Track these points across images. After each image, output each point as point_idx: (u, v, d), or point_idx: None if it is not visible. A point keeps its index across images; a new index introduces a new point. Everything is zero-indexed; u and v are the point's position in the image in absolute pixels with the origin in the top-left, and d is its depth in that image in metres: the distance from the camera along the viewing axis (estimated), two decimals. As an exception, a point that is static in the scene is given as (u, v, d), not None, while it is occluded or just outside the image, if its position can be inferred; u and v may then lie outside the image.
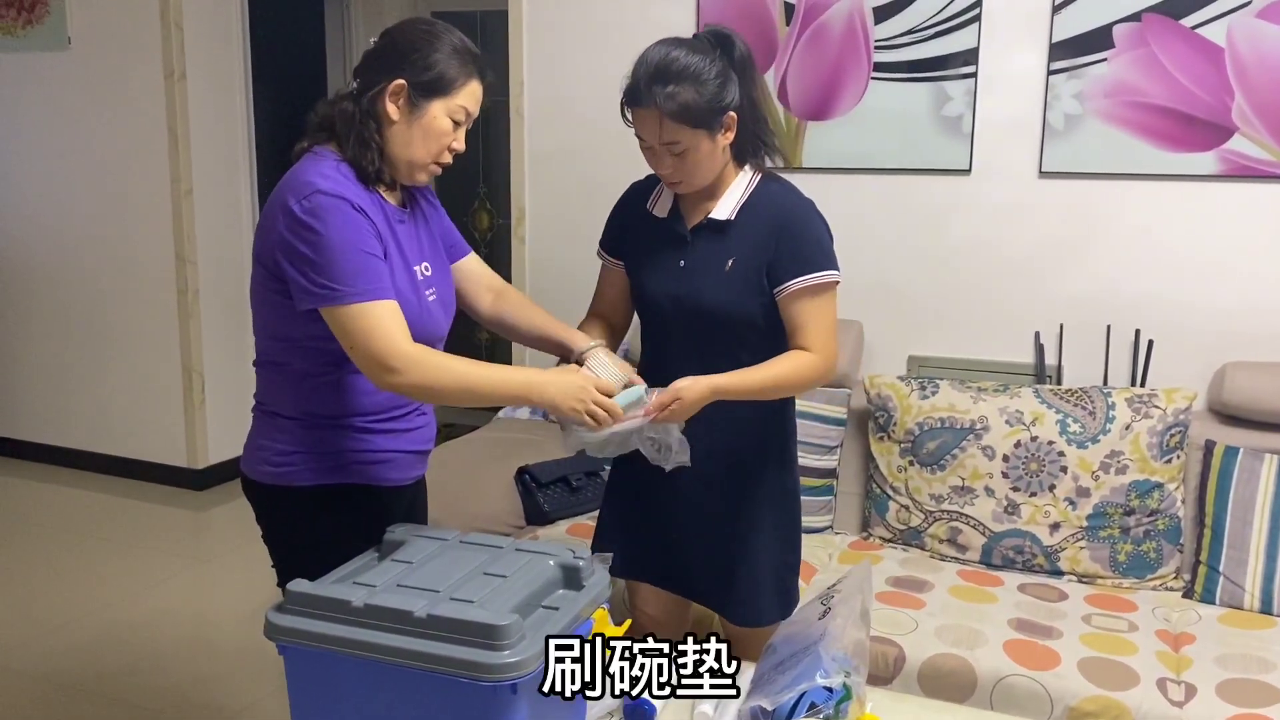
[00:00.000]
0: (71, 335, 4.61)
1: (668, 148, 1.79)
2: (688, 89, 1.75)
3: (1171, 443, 2.62)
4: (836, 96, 3.19)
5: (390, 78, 1.67)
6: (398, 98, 1.67)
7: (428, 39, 1.69)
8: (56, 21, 4.34)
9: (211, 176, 4.35)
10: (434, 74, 1.67)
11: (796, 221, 1.86)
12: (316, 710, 1.44)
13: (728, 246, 1.87)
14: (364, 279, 1.59)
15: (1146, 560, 2.59)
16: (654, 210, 1.95)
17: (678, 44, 1.80)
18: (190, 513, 4.26)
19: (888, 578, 2.57)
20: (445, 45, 1.69)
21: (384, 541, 1.65)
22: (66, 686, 2.88)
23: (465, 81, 1.70)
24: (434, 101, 1.68)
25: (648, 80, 1.77)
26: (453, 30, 1.73)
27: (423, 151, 1.72)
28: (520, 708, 1.34)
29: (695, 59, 1.77)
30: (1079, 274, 3.02)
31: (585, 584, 1.54)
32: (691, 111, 1.76)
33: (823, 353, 1.85)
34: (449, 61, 1.68)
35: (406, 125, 1.69)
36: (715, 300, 1.86)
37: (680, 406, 1.77)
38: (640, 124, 1.81)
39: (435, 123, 1.70)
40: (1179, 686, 2.11)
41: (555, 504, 2.90)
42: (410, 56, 1.67)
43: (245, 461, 1.81)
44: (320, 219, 1.59)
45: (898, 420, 2.80)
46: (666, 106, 1.75)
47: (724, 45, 1.82)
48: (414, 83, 1.67)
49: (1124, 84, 2.89)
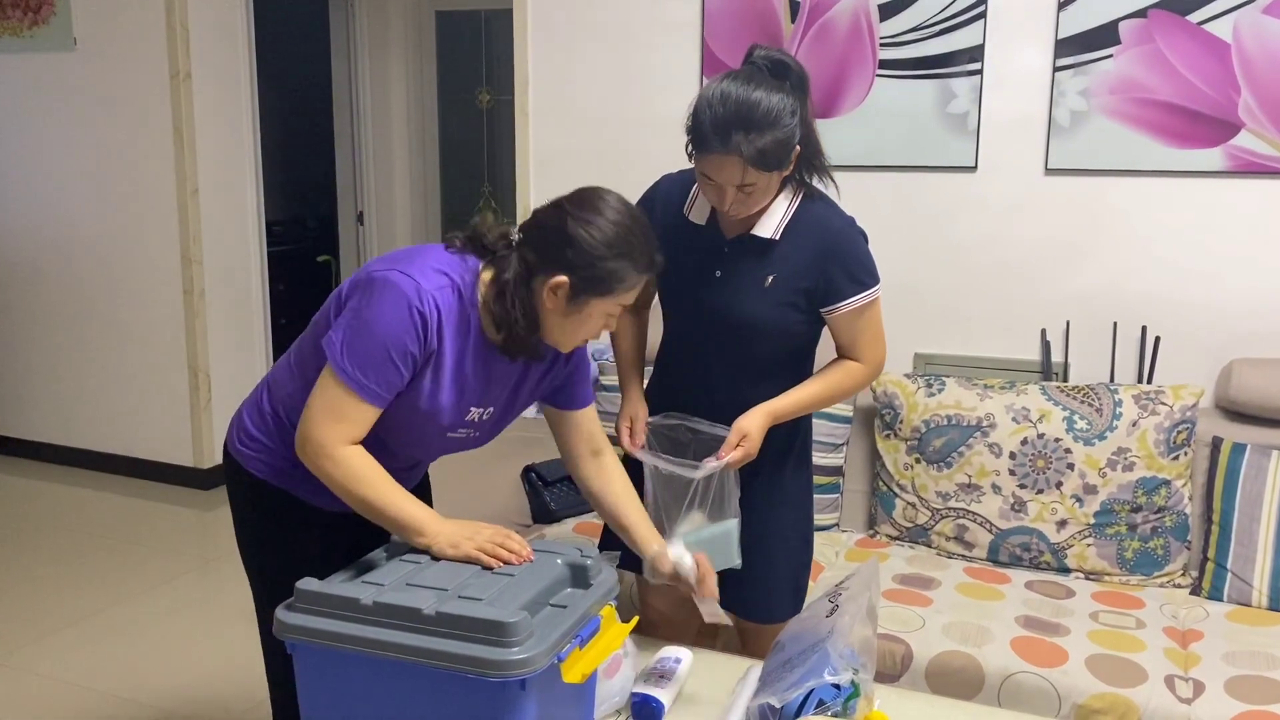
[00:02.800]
0: (77, 335, 4.62)
1: (740, 189, 1.76)
2: (771, 134, 1.70)
3: (1179, 440, 2.61)
4: (842, 94, 3.19)
5: (554, 270, 1.57)
6: (556, 291, 1.57)
7: (601, 237, 1.56)
8: (62, 22, 4.35)
9: (217, 177, 4.35)
10: (602, 279, 1.57)
11: (843, 243, 1.86)
12: (326, 708, 1.44)
13: (768, 263, 1.86)
14: (370, 375, 1.55)
15: (1154, 557, 2.59)
16: (691, 216, 1.92)
17: (749, 82, 1.73)
18: (196, 512, 4.26)
19: (895, 575, 2.57)
20: (619, 245, 1.56)
21: (392, 540, 1.66)
22: (73, 685, 2.89)
23: (633, 285, 1.61)
24: (594, 300, 1.59)
25: (728, 126, 1.70)
26: (631, 217, 1.60)
27: (570, 338, 1.65)
28: (529, 704, 1.35)
29: (775, 100, 1.71)
30: (1085, 271, 3.01)
31: (593, 582, 1.55)
32: (775, 157, 1.72)
33: (872, 362, 1.93)
34: (619, 265, 1.57)
35: (561, 317, 1.60)
36: (752, 314, 1.87)
37: (750, 444, 1.82)
38: (715, 169, 1.75)
39: (591, 320, 1.62)
40: (1187, 683, 2.11)
41: (562, 502, 2.90)
42: (581, 254, 1.55)
43: (230, 424, 1.83)
44: (384, 296, 1.55)
45: (904, 418, 2.80)
46: (750, 154, 1.70)
47: (781, 71, 1.76)
48: (577, 281, 1.57)
49: (1130, 80, 2.88)
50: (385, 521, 1.60)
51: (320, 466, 1.58)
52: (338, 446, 1.57)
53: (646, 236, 1.61)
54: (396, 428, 1.65)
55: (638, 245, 1.59)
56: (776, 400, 1.87)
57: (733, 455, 1.82)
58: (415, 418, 1.64)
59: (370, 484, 1.59)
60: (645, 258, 1.60)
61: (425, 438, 1.70)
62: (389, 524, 1.60)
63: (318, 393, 1.58)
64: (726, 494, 1.85)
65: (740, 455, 1.83)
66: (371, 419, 1.59)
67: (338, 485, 1.59)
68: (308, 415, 1.58)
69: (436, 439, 1.71)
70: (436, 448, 1.76)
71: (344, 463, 1.57)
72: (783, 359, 1.93)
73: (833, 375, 1.91)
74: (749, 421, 1.84)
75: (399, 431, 1.66)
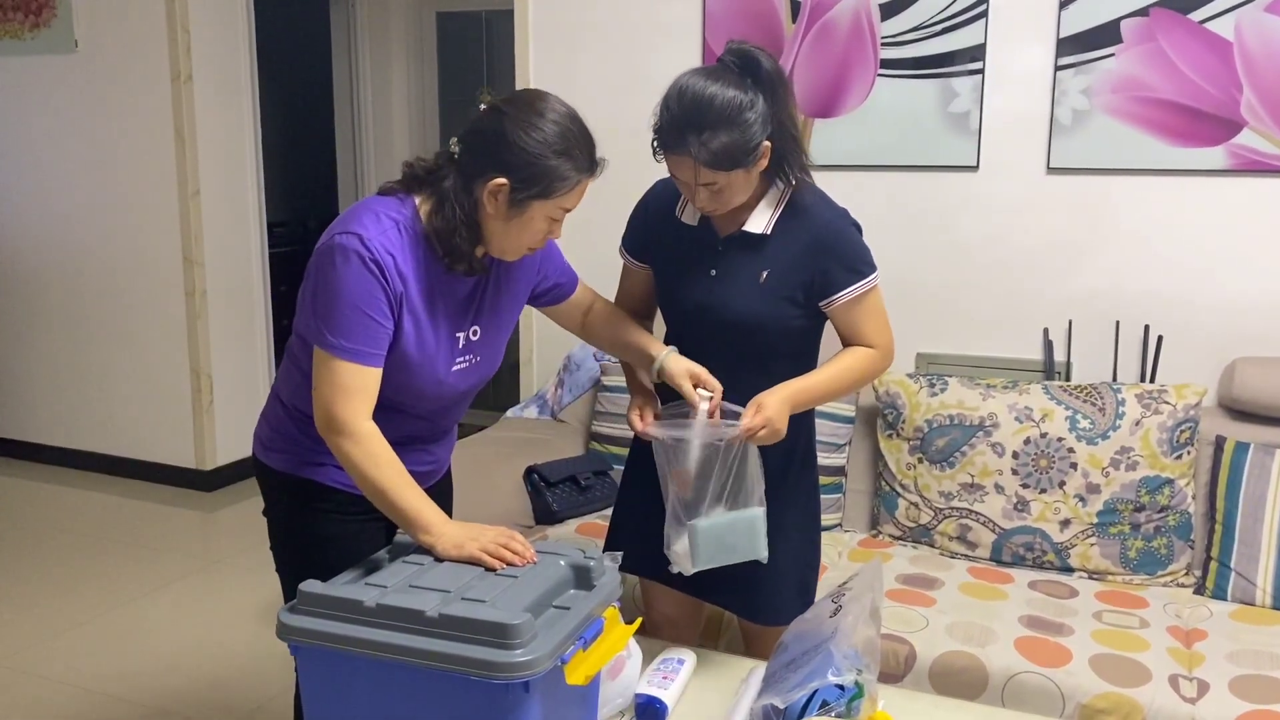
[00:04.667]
0: (79, 337, 4.63)
1: (704, 187, 1.75)
2: (724, 134, 1.68)
3: (1182, 439, 2.61)
4: (843, 93, 3.19)
5: (492, 173, 1.58)
6: (496, 194, 1.60)
7: (539, 136, 1.58)
8: (63, 24, 4.35)
9: (218, 178, 4.36)
10: (540, 177, 1.58)
11: (835, 236, 1.85)
12: (329, 710, 1.44)
13: (762, 259, 1.85)
14: (355, 338, 1.57)
15: (1157, 556, 2.59)
16: (683, 217, 1.92)
17: (708, 76, 1.70)
18: (199, 514, 4.27)
19: (898, 575, 2.56)
20: (557, 143, 1.58)
21: (395, 542, 1.66)
22: (76, 687, 2.89)
23: (573, 184, 1.62)
24: (535, 203, 1.61)
25: (682, 125, 1.69)
26: (570, 118, 1.62)
27: (514, 244, 1.67)
28: (532, 706, 1.34)
29: (730, 95, 1.68)
30: (1088, 270, 3.01)
31: (596, 584, 1.55)
32: (729, 157, 1.70)
33: (883, 346, 1.91)
34: (559, 163, 1.58)
35: (503, 222, 1.62)
36: (749, 311, 1.86)
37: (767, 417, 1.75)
38: (675, 166, 1.76)
39: (533, 223, 1.63)
40: (1191, 683, 2.10)
41: (564, 503, 2.90)
42: (518, 154, 1.57)
43: (254, 438, 1.86)
44: (336, 262, 1.57)
45: (906, 417, 2.80)
46: (702, 155, 1.69)
47: (750, 68, 1.72)
48: (516, 183, 1.58)
49: (1132, 79, 2.88)
50: (393, 513, 1.61)
51: (339, 445, 1.60)
52: (357, 421, 1.58)
53: (585, 137, 1.63)
54: (405, 386, 1.67)
55: (576, 144, 1.60)
56: (791, 382, 1.81)
57: (751, 422, 1.74)
58: (416, 366, 1.66)
59: (385, 470, 1.60)
60: (585, 157, 1.62)
61: (436, 384, 1.70)
62: (396, 516, 1.61)
63: (317, 377, 1.60)
64: (749, 484, 1.79)
65: (760, 424, 1.75)
66: (376, 382, 1.61)
67: (354, 466, 1.60)
68: (318, 400, 1.60)
69: (446, 381, 1.72)
70: (451, 393, 1.76)
71: (364, 441, 1.59)
72: (785, 353, 1.92)
73: (844, 359, 1.88)
74: (765, 395, 1.78)
75: (409, 390, 1.68)
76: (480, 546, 1.56)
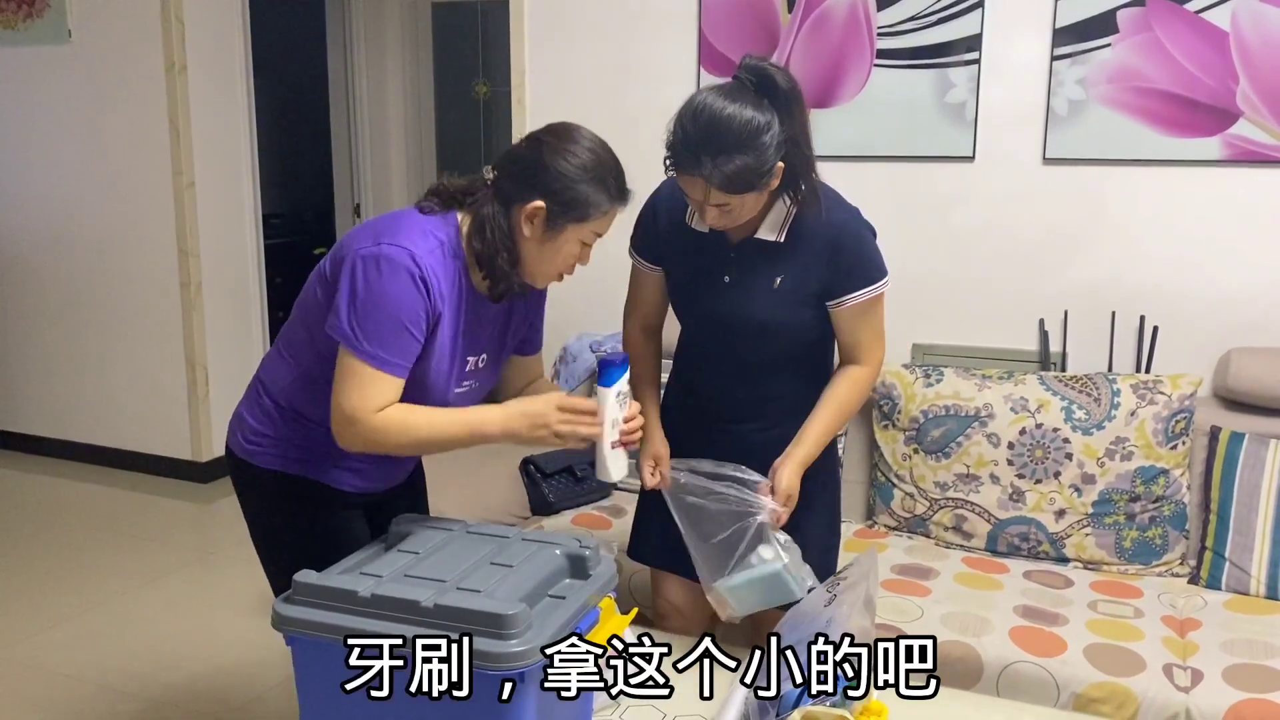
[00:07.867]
0: (74, 329, 4.62)
1: (715, 207, 1.74)
2: (739, 158, 1.66)
3: (1177, 429, 2.61)
4: (839, 84, 3.18)
5: (531, 196, 1.64)
6: (534, 218, 1.65)
7: (576, 161, 1.64)
8: (57, 15, 4.33)
9: (213, 169, 4.34)
10: (576, 201, 1.64)
11: (850, 238, 1.85)
12: (325, 700, 1.44)
13: (776, 265, 1.85)
14: (391, 350, 1.59)
15: (1152, 546, 2.59)
16: (694, 225, 1.91)
17: (725, 95, 1.68)
18: (195, 505, 4.26)
19: (893, 565, 2.57)
20: (593, 169, 1.64)
21: (390, 532, 1.66)
22: (72, 678, 2.89)
23: (605, 209, 1.67)
24: (570, 226, 1.65)
25: (696, 146, 1.67)
26: (603, 147, 1.69)
27: (547, 268, 1.71)
28: (528, 696, 1.35)
29: (748, 117, 1.66)
30: (1083, 261, 3.01)
31: (592, 573, 1.55)
32: (743, 180, 1.69)
33: (872, 363, 1.93)
34: (593, 188, 1.64)
35: (538, 245, 1.67)
36: (766, 317, 1.86)
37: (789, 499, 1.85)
38: (687, 185, 1.74)
39: (566, 246, 1.68)
40: (1185, 672, 2.11)
41: (560, 494, 2.90)
42: (556, 178, 1.63)
43: (229, 428, 1.85)
44: (384, 273, 1.58)
45: (902, 408, 2.80)
46: (716, 179, 1.68)
47: (767, 87, 1.68)
48: (554, 206, 1.63)
49: (1128, 69, 2.88)
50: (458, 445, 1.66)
51: (370, 441, 1.62)
52: (375, 416, 1.60)
53: (616, 166, 1.69)
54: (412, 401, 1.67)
55: (610, 173, 1.66)
56: (798, 446, 1.87)
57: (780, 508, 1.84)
58: (429, 385, 1.68)
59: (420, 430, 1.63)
60: (617, 186, 1.67)
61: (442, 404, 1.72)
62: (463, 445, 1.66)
63: (342, 380, 1.60)
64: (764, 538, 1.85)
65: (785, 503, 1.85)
66: (398, 393, 1.62)
67: (395, 446, 1.64)
68: (339, 404, 1.60)
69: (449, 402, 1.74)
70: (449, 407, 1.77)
71: (388, 422, 1.60)
72: (801, 354, 1.93)
73: (839, 392, 1.91)
74: (781, 471, 1.86)
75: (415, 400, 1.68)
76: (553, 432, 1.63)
